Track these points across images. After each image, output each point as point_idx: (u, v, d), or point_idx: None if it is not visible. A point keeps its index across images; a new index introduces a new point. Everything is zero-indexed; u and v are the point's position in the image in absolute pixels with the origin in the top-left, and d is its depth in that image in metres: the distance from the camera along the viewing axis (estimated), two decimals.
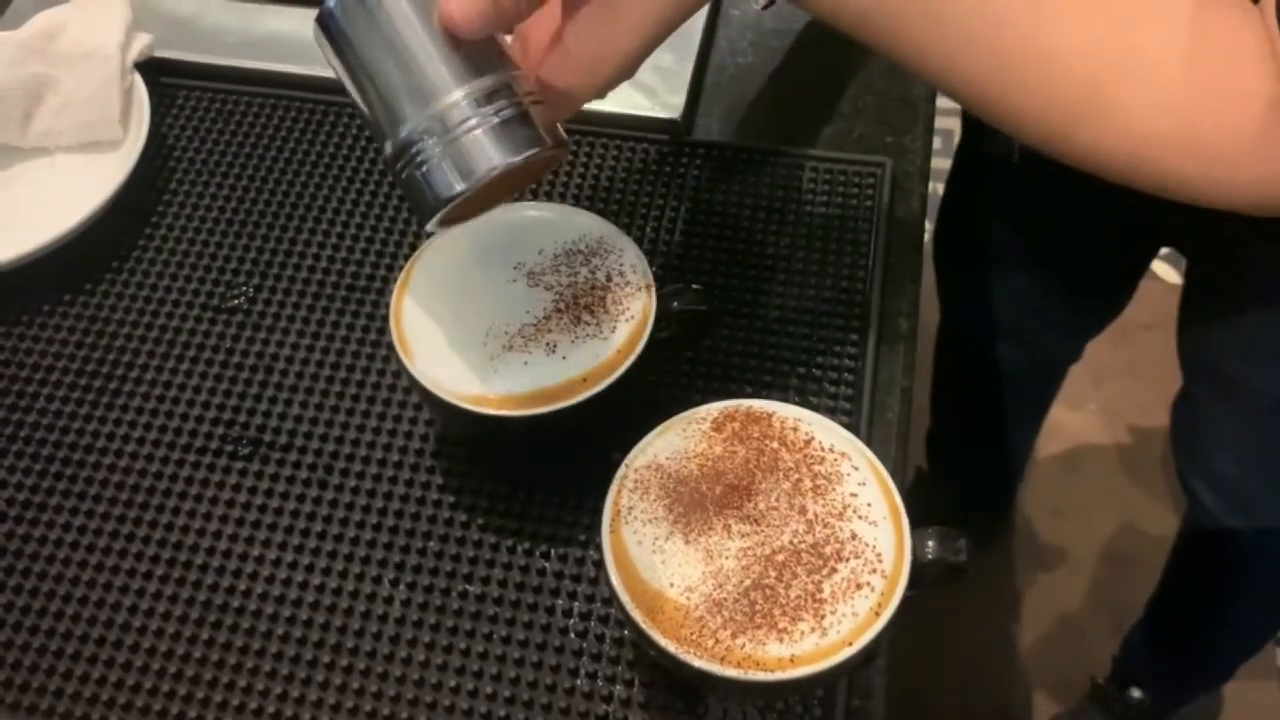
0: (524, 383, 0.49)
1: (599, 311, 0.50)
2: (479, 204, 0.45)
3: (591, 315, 0.50)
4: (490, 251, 0.53)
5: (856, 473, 0.45)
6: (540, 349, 0.49)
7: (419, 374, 0.50)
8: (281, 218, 0.66)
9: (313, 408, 0.59)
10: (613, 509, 0.45)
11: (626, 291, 0.51)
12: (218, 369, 0.60)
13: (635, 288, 0.51)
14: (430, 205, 0.40)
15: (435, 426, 0.57)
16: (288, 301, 0.63)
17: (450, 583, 0.53)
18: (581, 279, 0.52)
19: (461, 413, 0.49)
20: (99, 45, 0.67)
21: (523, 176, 0.46)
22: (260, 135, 0.70)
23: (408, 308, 0.52)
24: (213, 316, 0.62)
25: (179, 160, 0.69)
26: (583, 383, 0.49)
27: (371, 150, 0.68)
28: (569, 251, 0.53)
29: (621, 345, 0.50)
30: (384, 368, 0.60)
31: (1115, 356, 1.53)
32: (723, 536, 0.44)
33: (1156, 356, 1.51)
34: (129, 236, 0.65)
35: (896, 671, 0.50)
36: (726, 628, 0.42)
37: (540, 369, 0.49)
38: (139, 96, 0.67)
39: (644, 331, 0.50)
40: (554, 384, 0.49)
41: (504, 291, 0.51)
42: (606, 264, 0.52)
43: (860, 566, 0.43)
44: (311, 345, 0.61)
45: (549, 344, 0.50)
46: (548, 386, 0.49)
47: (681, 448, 0.46)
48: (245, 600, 0.53)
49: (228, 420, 0.58)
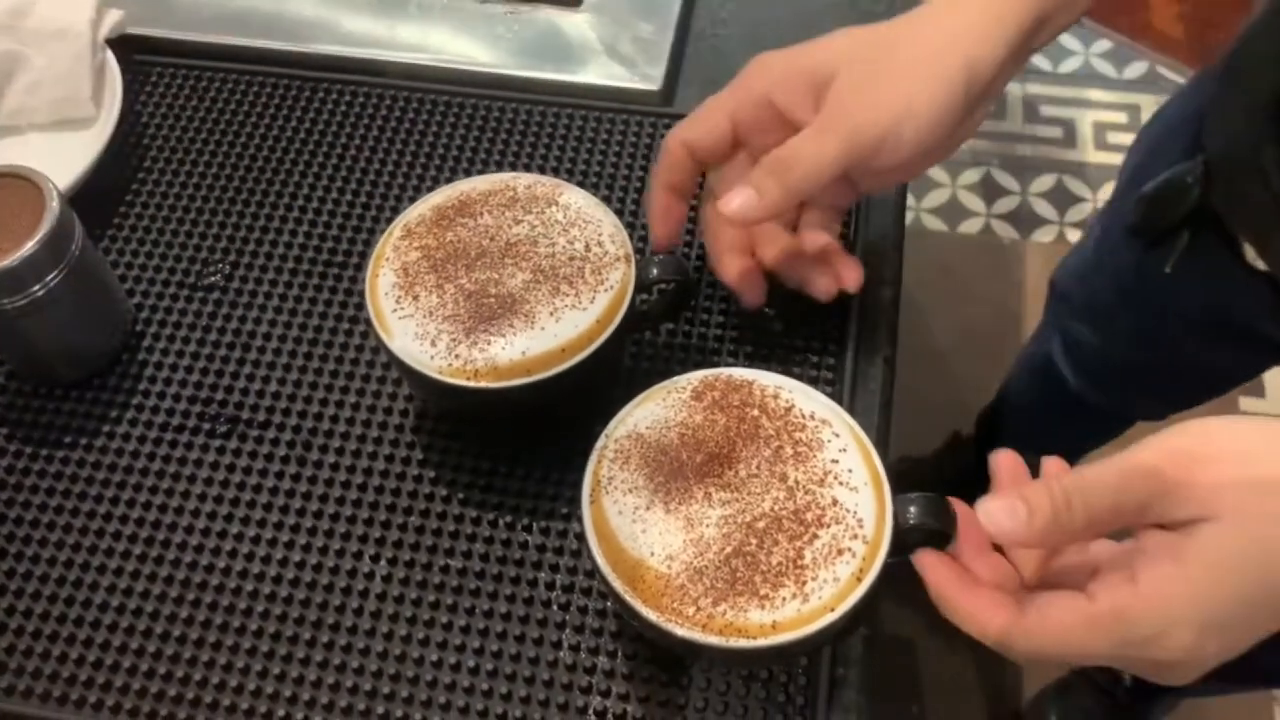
0: (503, 355, 0.48)
1: (578, 282, 0.50)
2: None
3: (570, 286, 0.50)
4: (466, 224, 0.52)
5: (837, 439, 0.45)
6: (519, 320, 0.49)
7: (397, 349, 0.49)
8: (258, 194, 0.65)
9: (290, 385, 0.58)
10: (593, 480, 0.45)
11: (605, 261, 0.51)
12: (194, 347, 0.60)
13: (614, 258, 0.51)
14: None
15: (415, 403, 0.57)
16: (264, 279, 0.62)
17: (431, 558, 0.52)
18: (560, 249, 0.51)
19: (441, 387, 0.49)
20: (70, 22, 0.66)
21: None
22: (235, 112, 0.69)
23: (383, 283, 0.51)
24: (189, 294, 0.62)
25: (153, 138, 0.68)
26: (561, 354, 0.48)
27: (347, 125, 0.68)
28: (546, 222, 0.52)
29: (601, 315, 0.49)
30: (362, 343, 0.59)
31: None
32: (703, 504, 0.43)
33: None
34: (103, 214, 0.64)
35: (882, 642, 0.50)
36: (708, 595, 0.41)
37: (519, 341, 0.48)
38: (111, 73, 0.66)
39: (623, 301, 0.50)
40: (533, 355, 0.48)
41: (481, 263, 0.51)
42: (585, 234, 0.51)
43: (841, 532, 0.42)
44: (289, 322, 0.60)
45: (527, 315, 0.49)
46: (527, 358, 0.48)
47: (662, 417, 0.46)
48: (224, 578, 0.52)
49: (205, 399, 0.58)
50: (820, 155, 0.48)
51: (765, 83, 0.51)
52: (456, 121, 0.67)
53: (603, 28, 0.69)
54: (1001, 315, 1.57)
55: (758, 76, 0.51)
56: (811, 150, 0.48)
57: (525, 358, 0.48)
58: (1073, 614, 0.38)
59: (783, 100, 0.50)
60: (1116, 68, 1.83)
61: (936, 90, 0.47)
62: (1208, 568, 0.36)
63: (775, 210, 0.49)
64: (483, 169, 0.65)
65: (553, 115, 0.67)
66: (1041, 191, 1.72)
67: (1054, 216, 1.69)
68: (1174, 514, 0.37)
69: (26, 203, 0.53)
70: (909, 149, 0.48)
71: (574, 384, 0.49)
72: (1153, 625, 0.37)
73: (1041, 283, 1.00)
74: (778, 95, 0.50)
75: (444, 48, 0.70)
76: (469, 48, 0.70)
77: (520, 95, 0.68)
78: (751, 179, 0.49)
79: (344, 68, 0.70)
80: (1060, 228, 1.66)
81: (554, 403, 0.51)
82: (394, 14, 0.71)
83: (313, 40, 0.70)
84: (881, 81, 0.48)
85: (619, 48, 0.69)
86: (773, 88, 0.50)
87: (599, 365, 0.49)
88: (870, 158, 0.48)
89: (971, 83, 0.48)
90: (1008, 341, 1.52)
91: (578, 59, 0.68)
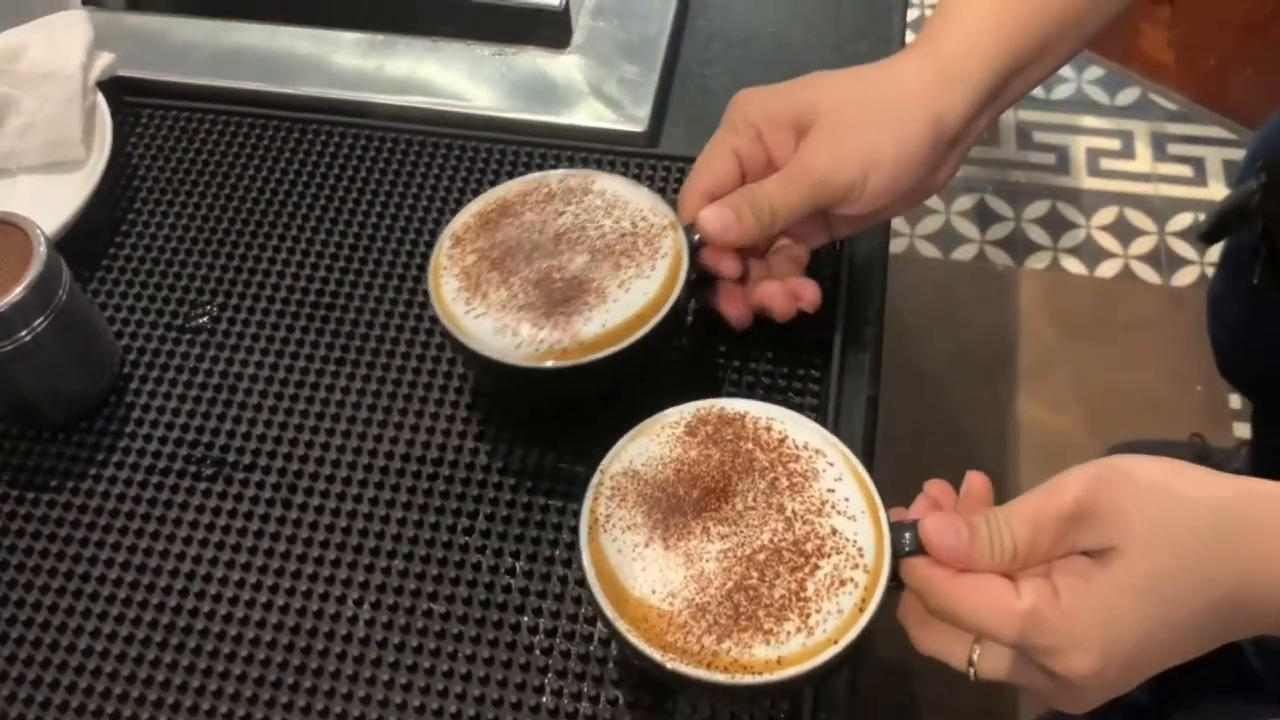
0: (586, 330, 0.50)
1: (634, 254, 0.52)
2: None
3: (629, 259, 0.52)
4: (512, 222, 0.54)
5: (832, 468, 0.45)
6: (591, 297, 0.50)
7: (480, 348, 0.50)
8: (246, 235, 0.66)
9: (277, 427, 0.58)
10: (590, 518, 0.45)
11: (654, 232, 0.53)
12: (181, 389, 0.60)
13: (660, 227, 0.53)
14: None
15: (399, 445, 0.57)
16: (252, 320, 0.62)
17: (415, 602, 0.52)
18: (608, 229, 0.53)
19: (529, 374, 0.50)
20: (60, 66, 0.66)
21: None
22: (224, 153, 0.69)
23: (447, 290, 0.52)
24: (176, 336, 0.62)
25: (143, 179, 0.68)
26: (639, 320, 0.50)
27: (335, 166, 0.68)
28: (587, 209, 0.54)
29: (665, 279, 0.51)
30: (348, 385, 0.60)
31: (1102, 353, 1.53)
32: (702, 540, 0.43)
33: (1142, 358, 1.52)
34: (92, 256, 0.65)
35: (879, 655, 0.50)
36: (711, 632, 0.41)
37: (596, 315, 0.50)
38: (101, 116, 0.67)
39: (680, 264, 0.52)
40: (613, 325, 0.50)
41: (538, 254, 0.52)
42: (627, 212, 0.54)
43: (842, 562, 0.42)
44: (275, 364, 0.61)
45: (597, 291, 0.51)
46: (608, 329, 0.50)
47: (656, 453, 0.46)
48: (209, 622, 0.52)
49: (191, 441, 0.58)
50: (787, 200, 0.51)
51: (754, 117, 0.52)
52: (445, 162, 0.68)
53: (589, 69, 0.70)
54: (995, 341, 1.58)
55: (745, 111, 0.53)
56: (780, 195, 0.51)
57: (606, 329, 0.50)
58: (997, 598, 0.40)
59: (768, 139, 0.52)
60: (1109, 94, 1.84)
61: (903, 144, 0.49)
62: (1117, 594, 0.39)
63: (747, 237, 0.52)
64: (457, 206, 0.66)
65: (539, 156, 0.68)
66: (1035, 217, 1.72)
67: (1048, 242, 1.69)
68: (1086, 541, 0.40)
69: (13, 248, 0.54)
70: (873, 198, 0.51)
71: (651, 351, 0.51)
72: (1060, 638, 0.39)
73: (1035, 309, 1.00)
74: (765, 133, 0.52)
75: (431, 89, 0.70)
76: (456, 89, 0.70)
77: (507, 136, 0.68)
78: (731, 201, 0.51)
79: (332, 109, 0.70)
80: (1054, 254, 1.66)
81: (631, 376, 0.53)
82: (382, 56, 0.72)
83: (301, 82, 0.71)
84: (850, 132, 0.50)
85: (605, 89, 0.69)
86: (760, 124, 0.52)
87: (671, 329, 0.52)
88: (836, 205, 0.51)
89: (939, 137, 0.50)
90: (1002, 367, 1.52)
91: (564, 100, 0.69)
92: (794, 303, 0.54)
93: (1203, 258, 1.65)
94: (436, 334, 0.61)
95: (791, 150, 0.51)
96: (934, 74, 0.50)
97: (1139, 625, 0.39)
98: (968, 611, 0.40)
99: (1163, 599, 0.39)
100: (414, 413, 0.58)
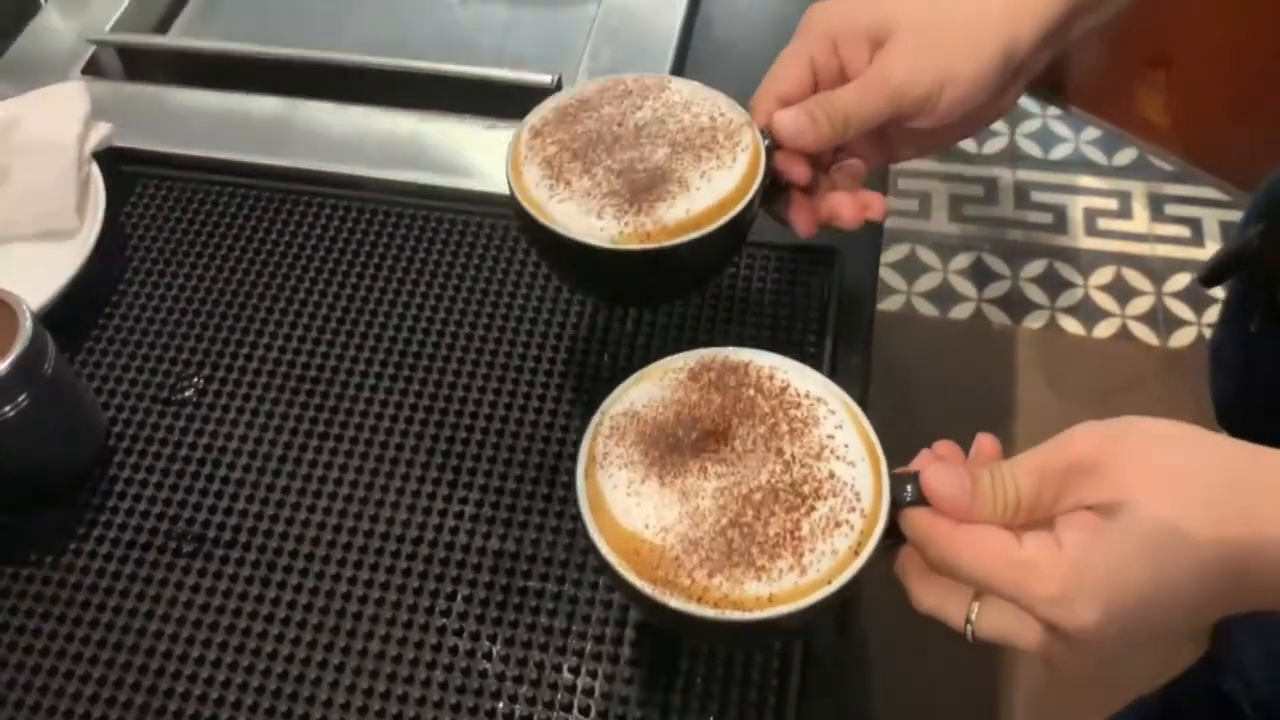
0: (670, 215, 0.50)
1: (715, 147, 0.53)
2: None
3: (709, 151, 0.53)
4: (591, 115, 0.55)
5: (833, 416, 0.45)
6: (674, 185, 0.51)
7: (564, 230, 0.50)
8: (235, 307, 0.66)
9: (258, 502, 0.58)
10: (588, 456, 0.44)
11: (733, 128, 0.53)
12: (165, 462, 0.60)
13: (739, 124, 0.54)
14: None
15: (379, 524, 0.57)
16: (237, 393, 0.63)
17: (390, 686, 0.52)
18: (688, 123, 0.54)
19: (615, 256, 0.50)
20: (58, 137, 0.67)
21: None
22: (217, 223, 0.70)
23: (529, 178, 0.52)
24: (162, 409, 0.62)
25: (135, 249, 0.69)
26: (720, 208, 0.51)
27: (326, 238, 0.69)
28: (666, 104, 0.55)
29: (745, 171, 0.52)
30: (330, 460, 0.60)
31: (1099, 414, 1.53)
32: (699, 478, 0.43)
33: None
34: (82, 326, 0.65)
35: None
36: (703, 567, 0.41)
37: (680, 202, 0.51)
38: (96, 186, 0.67)
39: (759, 158, 0.53)
40: (697, 211, 0.51)
41: (619, 145, 0.53)
42: (705, 109, 0.54)
43: (839, 505, 0.42)
44: (259, 438, 0.61)
45: (680, 180, 0.51)
46: (692, 215, 0.51)
47: (658, 396, 0.46)
48: (183, 703, 0.52)
49: (173, 515, 0.58)
50: (862, 108, 0.52)
51: (831, 28, 0.54)
52: (434, 236, 0.69)
53: None
54: (992, 400, 1.58)
55: (821, 22, 0.55)
56: (855, 102, 0.52)
57: (690, 215, 0.51)
58: (998, 547, 0.39)
59: (843, 50, 0.54)
60: (1107, 154, 1.86)
61: (980, 62, 0.51)
62: (1124, 545, 0.38)
63: (821, 142, 0.53)
64: (458, 284, 0.66)
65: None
66: (1032, 276, 1.73)
67: (1045, 302, 1.70)
68: (1093, 495, 0.39)
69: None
70: (946, 113, 0.52)
71: (732, 239, 0.53)
72: (1063, 586, 0.38)
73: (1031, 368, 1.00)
74: (840, 44, 0.54)
75: (424, 163, 0.71)
76: (449, 163, 0.71)
77: (498, 211, 0.69)
78: (806, 106, 0.53)
79: (324, 181, 0.71)
80: (1051, 313, 1.67)
81: (708, 267, 0.55)
82: (376, 128, 0.73)
83: (294, 153, 0.72)
84: (929, 49, 0.52)
85: None
86: (837, 34, 0.54)
87: (748, 220, 0.52)
88: (909, 117, 0.53)
89: (1009, 60, 0.52)
90: (998, 426, 1.52)
91: None
92: (862, 211, 0.55)
93: (1200, 318, 1.66)
94: (421, 409, 0.61)
95: (865, 63, 0.53)
96: (1008, 3, 0.52)
97: (1142, 574, 0.38)
98: (967, 562, 0.40)
99: (1168, 548, 0.38)
100: (395, 490, 0.58)
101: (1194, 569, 0.38)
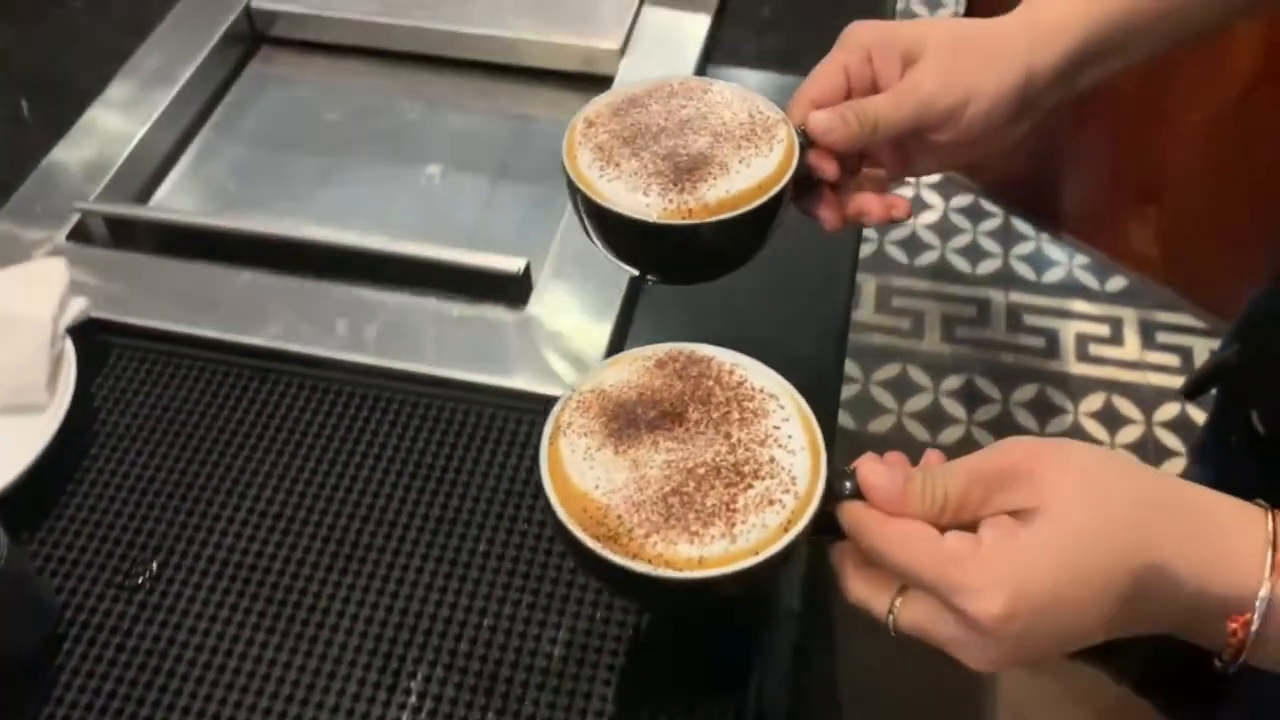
0: (711, 194, 0.55)
1: (753, 139, 0.57)
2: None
3: (749, 142, 0.57)
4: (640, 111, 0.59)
5: (782, 410, 0.49)
6: (715, 169, 0.56)
7: (612, 205, 0.55)
8: (195, 489, 0.67)
9: (201, 699, 0.59)
10: (554, 424, 0.49)
11: (769, 124, 0.58)
12: (113, 652, 0.61)
13: (775, 121, 0.59)
14: None
15: (343, 709, 0.57)
16: (190, 580, 0.63)
17: None
18: (728, 118, 0.59)
19: (658, 229, 0.54)
20: (33, 315, 0.69)
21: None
22: (185, 398, 0.71)
23: (583, 160, 0.57)
24: (115, 594, 0.63)
25: (101, 424, 0.70)
26: (758, 190, 0.55)
27: (290, 419, 0.70)
28: (708, 103, 0.60)
29: (780, 160, 0.57)
30: (274, 658, 0.60)
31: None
32: (650, 450, 0.47)
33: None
34: (42, 506, 0.66)
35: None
36: (642, 527, 0.45)
37: (720, 183, 0.55)
38: (68, 362, 0.69)
39: (793, 151, 0.57)
40: (736, 192, 0.55)
41: (664, 135, 0.57)
42: (745, 106, 0.59)
43: (774, 486, 0.46)
44: (208, 629, 0.61)
45: (721, 164, 0.56)
46: (732, 194, 0.55)
47: (625, 378, 0.51)
48: None
49: (115, 709, 0.59)
50: (891, 114, 0.57)
51: (867, 41, 0.59)
52: (395, 419, 0.70)
53: (545, 328, 0.72)
54: None
55: (859, 36, 0.59)
56: (885, 108, 0.57)
57: (730, 195, 0.55)
58: (922, 539, 0.43)
59: (878, 62, 0.59)
60: (1099, 280, 1.87)
61: (1002, 83, 0.57)
62: (1034, 543, 0.41)
63: (851, 140, 0.57)
64: (414, 470, 0.67)
65: (501, 418, 0.69)
66: (1023, 401, 1.73)
67: (1035, 427, 1.70)
68: (1017, 501, 0.43)
69: None
70: (967, 128, 0.57)
71: (767, 220, 0.56)
72: (974, 577, 0.41)
73: None
74: (875, 56, 0.59)
75: (393, 347, 0.72)
76: (417, 347, 0.72)
77: (462, 395, 0.70)
78: (839, 108, 0.58)
79: (293, 359, 0.73)
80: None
81: (743, 246, 0.58)
82: (349, 308, 0.75)
83: (266, 331, 0.73)
84: (958, 64, 0.57)
85: (563, 345, 0.71)
86: (873, 48, 0.59)
87: (782, 205, 0.56)
88: (933, 128, 0.58)
89: (1027, 86, 0.57)
90: None
91: (516, 362, 0.71)
92: (889, 210, 0.60)
93: (1189, 448, 1.65)
94: (382, 603, 0.62)
95: (896, 77, 0.58)
96: (1032, 33, 0.58)
97: (1051, 574, 0.41)
98: (893, 550, 0.43)
99: (1080, 553, 0.41)
100: (356, 682, 0.59)
101: (1102, 578, 0.41)
